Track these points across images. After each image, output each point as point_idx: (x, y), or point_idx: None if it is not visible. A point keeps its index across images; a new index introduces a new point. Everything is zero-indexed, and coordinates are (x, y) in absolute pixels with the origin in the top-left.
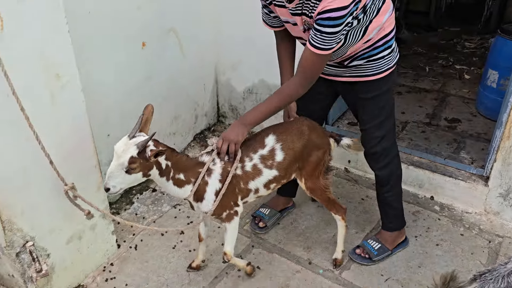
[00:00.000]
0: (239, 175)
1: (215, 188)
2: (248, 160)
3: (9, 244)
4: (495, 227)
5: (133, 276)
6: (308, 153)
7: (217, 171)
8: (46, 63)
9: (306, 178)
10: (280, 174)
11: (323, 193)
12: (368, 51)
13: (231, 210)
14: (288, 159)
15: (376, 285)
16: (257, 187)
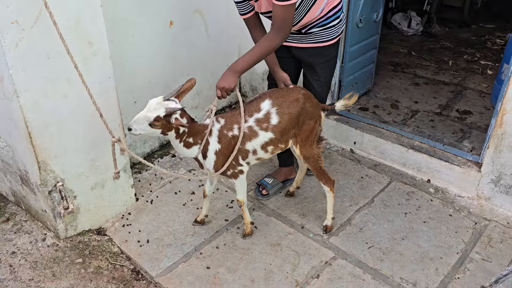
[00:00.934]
0: (236, 135)
1: (214, 148)
2: (244, 122)
3: (43, 182)
4: (484, 211)
5: (146, 225)
6: (303, 120)
7: (215, 133)
8: (81, 31)
9: (301, 145)
10: (276, 137)
11: (316, 161)
12: (322, 20)
13: (235, 169)
14: (283, 123)
15: (360, 251)
16: (254, 149)
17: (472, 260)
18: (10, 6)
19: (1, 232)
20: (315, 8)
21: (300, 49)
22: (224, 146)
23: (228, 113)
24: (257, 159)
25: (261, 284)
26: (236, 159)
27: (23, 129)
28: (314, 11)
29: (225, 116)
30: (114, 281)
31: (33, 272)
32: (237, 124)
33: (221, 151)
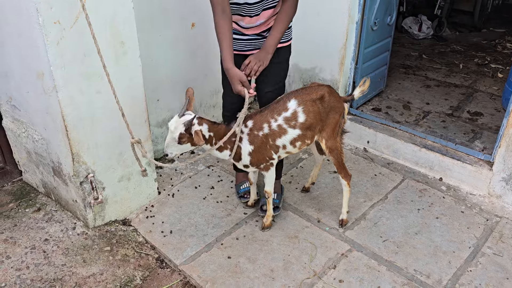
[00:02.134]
0: (267, 133)
1: (247, 150)
2: (273, 121)
3: (75, 173)
4: (496, 208)
5: (168, 217)
6: (327, 115)
7: (245, 137)
8: (114, 31)
9: (326, 139)
10: (303, 133)
11: (339, 154)
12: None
13: (267, 163)
14: (309, 121)
15: (375, 244)
16: (284, 144)
17: (484, 255)
18: (53, 8)
19: (34, 221)
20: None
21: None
22: (257, 146)
23: (257, 114)
24: (286, 153)
25: (280, 273)
26: (270, 155)
27: (59, 122)
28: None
29: (252, 117)
30: (140, 268)
31: (65, 258)
32: (267, 123)
33: (255, 150)
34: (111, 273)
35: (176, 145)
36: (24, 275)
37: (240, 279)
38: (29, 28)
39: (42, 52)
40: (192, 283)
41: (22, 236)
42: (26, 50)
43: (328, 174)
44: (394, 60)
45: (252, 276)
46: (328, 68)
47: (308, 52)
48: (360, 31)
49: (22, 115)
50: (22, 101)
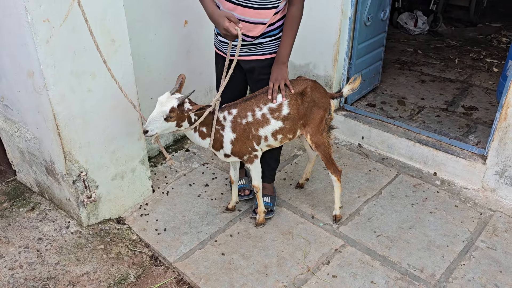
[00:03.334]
0: (250, 122)
1: (230, 138)
2: (258, 110)
3: (68, 172)
4: (490, 202)
5: (163, 214)
6: (311, 110)
7: (228, 125)
8: (104, 29)
9: (312, 134)
10: (284, 126)
11: (326, 150)
12: (272, 30)
13: (251, 154)
14: (291, 114)
15: (368, 239)
16: (266, 135)
17: (477, 248)
18: (43, 5)
19: (28, 220)
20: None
21: (250, 61)
22: (239, 134)
23: (242, 103)
24: (268, 146)
25: (274, 269)
26: (252, 145)
27: (51, 121)
28: (281, 6)
29: (237, 106)
30: (134, 266)
31: (59, 256)
32: (251, 112)
33: (237, 138)
34: (105, 271)
35: (161, 121)
36: (17, 274)
37: (234, 276)
38: (19, 26)
39: (32, 50)
40: (186, 280)
41: (16, 236)
42: (16, 49)
43: (323, 170)
44: (390, 55)
45: (246, 273)
46: (322, 64)
47: (301, 48)
48: (353, 27)
49: (14, 114)
50: (14, 100)
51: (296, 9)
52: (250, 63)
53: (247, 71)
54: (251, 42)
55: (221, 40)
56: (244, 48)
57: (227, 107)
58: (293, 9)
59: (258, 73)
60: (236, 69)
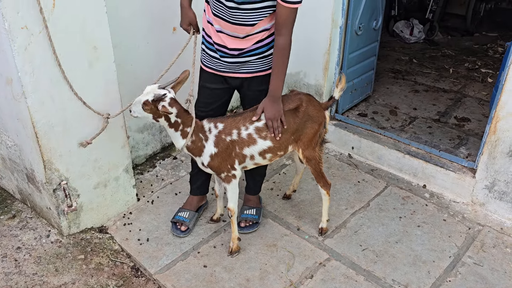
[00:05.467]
0: (235, 140)
1: (210, 152)
2: (244, 129)
3: (48, 180)
4: (478, 216)
5: (146, 224)
6: (304, 124)
7: (211, 138)
8: (86, 36)
9: (303, 149)
10: (274, 145)
11: (317, 164)
12: (258, 47)
13: (229, 173)
14: (282, 133)
15: (354, 253)
16: (252, 154)
17: (464, 264)
18: (20, 12)
19: (8, 228)
20: (265, 21)
21: (237, 79)
22: (221, 150)
23: (229, 118)
24: (255, 164)
25: (256, 283)
26: (232, 163)
27: (30, 129)
28: (262, 24)
29: (224, 121)
30: (114, 277)
31: (37, 266)
32: (237, 130)
33: (218, 154)
34: (84, 282)
35: (140, 108)
36: None
37: None
38: None
39: (10, 57)
40: None
41: None
42: None
43: (311, 181)
44: (384, 64)
45: (227, 286)
46: (313, 73)
47: (292, 57)
48: (344, 36)
49: None
50: None
51: (283, 40)
52: (237, 80)
53: (235, 87)
54: (237, 60)
55: (210, 55)
56: (232, 65)
57: (214, 120)
58: (281, 40)
59: (246, 89)
60: (222, 84)
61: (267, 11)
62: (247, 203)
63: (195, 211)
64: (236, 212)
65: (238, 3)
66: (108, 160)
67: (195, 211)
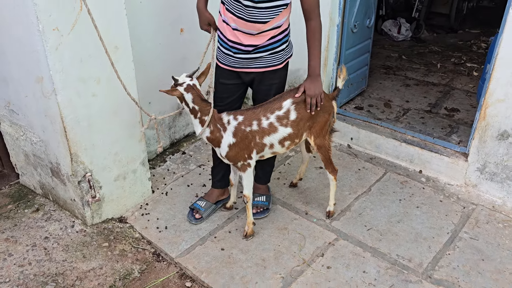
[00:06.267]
0: (255, 130)
1: (228, 142)
2: (264, 119)
3: (74, 173)
4: (472, 197)
5: (163, 213)
6: (317, 114)
7: (230, 129)
8: (109, 37)
9: (315, 136)
10: (294, 132)
11: (327, 151)
12: (271, 43)
13: (245, 162)
14: (299, 118)
15: (360, 233)
16: (272, 143)
17: (461, 239)
18: (52, 15)
19: (33, 220)
20: (277, 19)
21: (249, 73)
22: (239, 140)
23: (249, 111)
24: (272, 153)
25: (272, 262)
26: (250, 153)
27: (59, 124)
28: (275, 21)
29: (244, 113)
30: (138, 262)
31: (66, 254)
32: (257, 121)
33: (236, 144)
34: (110, 267)
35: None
36: (27, 271)
37: (234, 269)
38: (29, 35)
39: (42, 57)
40: (188, 274)
41: (23, 235)
42: (25, 56)
43: (315, 170)
44: (375, 61)
45: (245, 266)
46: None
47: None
48: (341, 34)
49: (20, 118)
50: (20, 105)
51: (314, 22)
52: (250, 75)
53: (248, 82)
54: (250, 56)
55: (224, 53)
56: (244, 60)
57: (234, 113)
58: (312, 23)
59: (258, 83)
60: (236, 79)
61: (280, 9)
62: (257, 191)
63: (213, 203)
64: (251, 198)
65: (255, 2)
66: (127, 153)
67: (213, 203)
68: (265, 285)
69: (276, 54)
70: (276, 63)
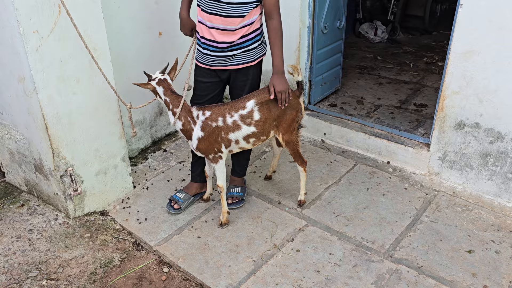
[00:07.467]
0: (220, 126)
1: (197, 135)
2: (229, 116)
3: (56, 167)
4: (434, 184)
5: (143, 206)
6: (284, 111)
7: (199, 123)
8: (87, 38)
9: (283, 133)
10: (258, 130)
11: (295, 146)
12: (243, 42)
13: (216, 155)
14: (264, 118)
15: (328, 219)
16: (237, 139)
17: (422, 222)
18: (32, 18)
19: (18, 215)
20: (248, 16)
21: (225, 71)
22: (207, 134)
23: (216, 107)
24: (239, 148)
25: (245, 247)
26: (219, 147)
27: (40, 121)
28: (247, 17)
29: (212, 109)
30: (118, 251)
31: (49, 244)
32: (222, 117)
33: (204, 138)
34: (92, 256)
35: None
36: (11, 260)
37: (209, 254)
38: (11, 38)
39: (23, 58)
40: (166, 261)
41: (8, 228)
42: (7, 58)
43: (289, 163)
44: (351, 61)
45: (219, 251)
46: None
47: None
48: (311, 35)
49: (4, 118)
50: (4, 105)
51: (275, 22)
52: (226, 73)
53: (225, 79)
54: (225, 54)
55: (202, 52)
56: (220, 58)
57: (202, 108)
58: (273, 23)
59: (233, 80)
60: (214, 78)
61: (250, 7)
62: (232, 183)
63: (191, 196)
64: (224, 188)
65: None
66: (107, 149)
67: (191, 195)
68: (237, 268)
69: (249, 52)
70: (249, 60)
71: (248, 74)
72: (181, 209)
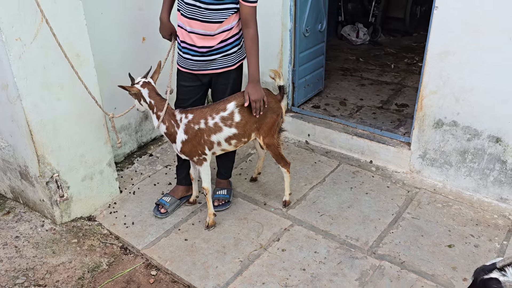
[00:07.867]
0: (202, 128)
1: (181, 138)
2: (210, 119)
3: (41, 174)
4: (416, 182)
5: (130, 211)
6: (265, 115)
7: (182, 126)
8: (70, 45)
9: (264, 136)
10: (239, 132)
11: (276, 148)
12: (222, 46)
13: (200, 157)
14: (244, 120)
15: (313, 218)
16: (219, 141)
17: (404, 219)
18: (14, 26)
19: (4, 222)
20: (227, 22)
21: (206, 75)
22: (191, 137)
23: (198, 110)
24: (222, 150)
25: (231, 248)
26: (203, 149)
27: (24, 128)
28: (226, 23)
29: (194, 112)
30: (106, 256)
31: (36, 250)
32: (204, 120)
33: (188, 140)
34: (79, 261)
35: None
36: None
37: (196, 256)
38: None
39: (6, 65)
40: (154, 264)
41: None
42: None
43: (274, 165)
44: (334, 64)
45: (206, 253)
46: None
47: None
48: (293, 38)
49: None
50: None
51: (252, 31)
52: (207, 77)
53: (206, 83)
54: (206, 59)
55: (183, 57)
56: (201, 63)
57: (185, 111)
58: (250, 31)
59: (214, 84)
60: (196, 82)
61: (228, 12)
62: (218, 185)
63: (177, 199)
64: (210, 190)
65: (207, 4)
66: (93, 155)
67: (178, 198)
68: (224, 268)
69: (229, 56)
70: (229, 64)
71: (229, 78)
72: (168, 212)
